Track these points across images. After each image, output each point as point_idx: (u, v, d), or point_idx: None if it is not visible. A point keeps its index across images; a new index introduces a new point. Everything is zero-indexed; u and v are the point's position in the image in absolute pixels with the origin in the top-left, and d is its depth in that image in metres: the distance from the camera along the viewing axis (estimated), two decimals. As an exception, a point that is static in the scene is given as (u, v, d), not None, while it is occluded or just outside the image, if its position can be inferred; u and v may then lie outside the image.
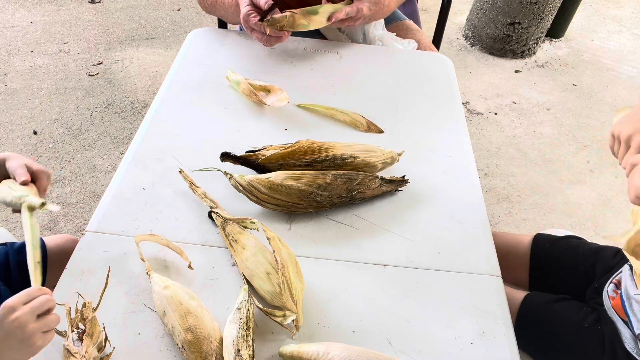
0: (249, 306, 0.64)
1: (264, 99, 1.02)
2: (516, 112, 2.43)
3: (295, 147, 0.84)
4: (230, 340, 0.60)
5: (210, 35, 1.24)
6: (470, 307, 0.72)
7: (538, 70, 2.76)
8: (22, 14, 2.80)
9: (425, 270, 0.76)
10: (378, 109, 1.05)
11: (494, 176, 2.06)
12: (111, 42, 2.64)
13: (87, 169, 1.91)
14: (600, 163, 2.17)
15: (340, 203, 0.83)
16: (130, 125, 2.13)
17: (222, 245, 0.76)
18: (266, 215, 0.82)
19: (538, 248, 1.05)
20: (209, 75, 1.10)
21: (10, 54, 2.48)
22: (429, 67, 1.22)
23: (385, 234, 0.81)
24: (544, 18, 2.66)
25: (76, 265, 0.72)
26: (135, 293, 0.69)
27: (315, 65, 1.17)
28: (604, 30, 3.18)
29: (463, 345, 0.67)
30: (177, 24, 2.86)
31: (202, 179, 0.84)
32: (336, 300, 0.71)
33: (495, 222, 1.86)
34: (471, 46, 2.90)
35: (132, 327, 0.65)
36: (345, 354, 0.61)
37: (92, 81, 2.35)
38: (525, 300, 0.95)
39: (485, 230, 0.83)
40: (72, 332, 0.59)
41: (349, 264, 0.76)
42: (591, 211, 1.94)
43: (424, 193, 0.88)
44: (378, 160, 0.88)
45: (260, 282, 0.69)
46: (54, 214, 1.72)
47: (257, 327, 0.66)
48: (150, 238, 0.74)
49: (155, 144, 0.93)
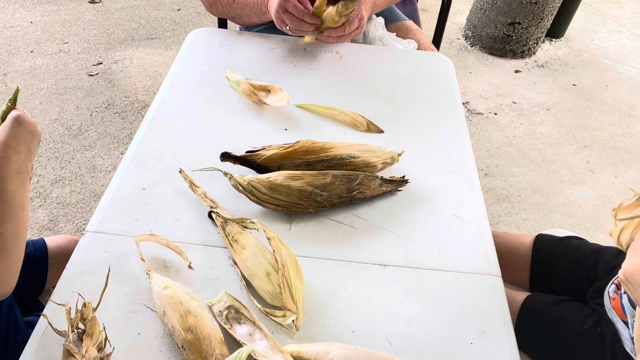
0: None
1: (264, 99, 1.02)
2: (516, 112, 2.43)
3: (295, 147, 0.84)
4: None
5: (210, 35, 1.24)
6: (470, 307, 0.72)
7: (538, 70, 2.76)
8: (22, 14, 2.80)
9: (425, 270, 0.76)
10: (378, 109, 1.05)
11: (494, 176, 2.06)
12: (111, 42, 2.64)
13: (87, 169, 1.91)
14: (600, 163, 2.17)
15: (340, 203, 0.83)
16: (130, 125, 2.13)
17: (222, 245, 0.76)
18: (266, 215, 0.82)
19: (539, 248, 1.05)
20: (209, 75, 1.10)
21: (10, 54, 2.48)
22: (429, 67, 1.22)
23: (385, 234, 0.81)
24: (544, 18, 2.66)
25: (76, 265, 0.72)
26: (135, 293, 0.69)
27: (315, 65, 1.17)
28: (604, 30, 3.18)
29: (463, 345, 0.67)
30: (177, 24, 2.86)
31: (202, 179, 0.84)
32: (336, 300, 0.71)
33: (495, 222, 1.86)
34: (471, 46, 2.90)
35: (132, 327, 0.65)
36: (345, 354, 0.61)
37: (92, 81, 2.35)
38: (525, 302, 0.95)
39: (485, 230, 0.83)
40: (72, 332, 0.59)
41: (349, 264, 0.76)
42: (591, 211, 1.94)
43: (424, 193, 0.88)
44: (378, 160, 0.88)
45: (260, 282, 0.69)
46: (53, 214, 1.72)
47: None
48: (150, 238, 0.74)
49: (155, 144, 0.93)
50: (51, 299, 0.66)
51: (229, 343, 0.64)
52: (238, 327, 0.65)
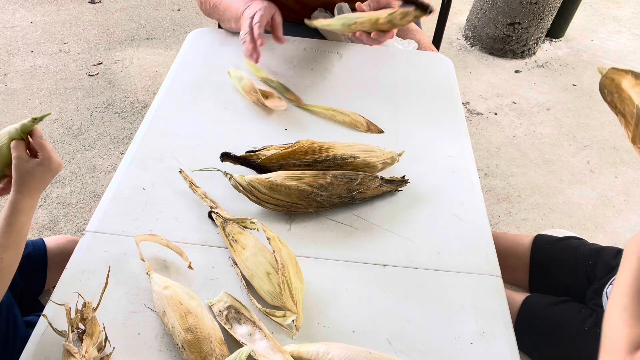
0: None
1: (265, 102, 1.02)
2: (516, 112, 2.43)
3: (295, 147, 0.84)
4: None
5: (210, 35, 1.24)
6: (470, 307, 0.72)
7: (538, 70, 2.76)
8: (22, 14, 2.80)
9: (425, 270, 0.76)
10: (378, 109, 1.05)
11: (494, 176, 2.06)
12: (111, 42, 2.64)
13: (87, 169, 1.91)
14: (600, 163, 2.17)
15: (340, 203, 0.83)
16: (130, 125, 2.13)
17: (222, 245, 0.76)
18: (266, 215, 0.82)
19: (538, 249, 1.05)
20: (209, 75, 1.10)
21: (10, 54, 2.48)
22: (429, 67, 1.22)
23: (385, 234, 0.81)
24: (544, 18, 2.66)
25: (76, 265, 0.72)
26: (135, 293, 0.69)
27: (315, 65, 1.17)
28: (604, 30, 3.18)
29: (463, 345, 0.67)
30: (177, 24, 2.86)
31: (202, 179, 0.84)
32: (336, 300, 0.71)
33: (495, 222, 1.86)
34: (471, 46, 2.90)
35: (132, 327, 0.65)
36: (345, 354, 0.61)
37: (92, 81, 2.35)
38: (524, 302, 0.95)
39: (485, 230, 0.83)
40: (72, 332, 0.59)
41: (349, 264, 0.76)
42: (591, 211, 1.94)
43: (424, 193, 0.88)
44: (378, 160, 0.88)
45: (260, 282, 0.69)
46: (53, 214, 1.72)
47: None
48: (150, 238, 0.74)
49: (155, 144, 0.93)
50: (51, 299, 0.66)
51: (229, 343, 0.64)
52: (238, 327, 0.65)
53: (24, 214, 0.67)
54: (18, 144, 0.69)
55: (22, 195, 0.68)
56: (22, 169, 0.68)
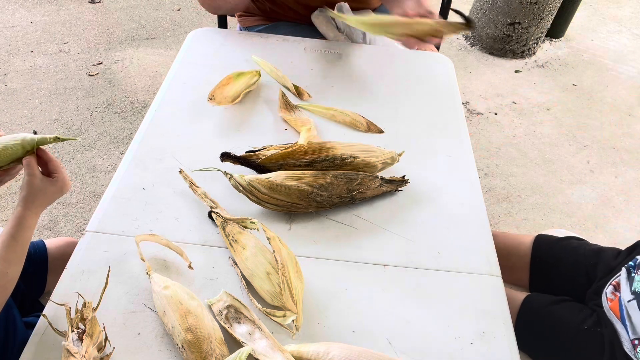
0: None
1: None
2: (516, 112, 2.43)
3: (295, 147, 0.84)
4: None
5: (210, 35, 1.24)
6: (470, 307, 0.72)
7: (538, 70, 2.76)
8: (22, 14, 2.80)
9: (425, 270, 0.76)
10: (378, 109, 1.05)
11: (494, 176, 2.06)
12: (111, 42, 2.64)
13: (87, 169, 1.91)
14: (600, 163, 2.17)
15: (340, 203, 0.83)
16: (130, 125, 2.13)
17: (222, 245, 0.76)
18: (266, 215, 0.82)
19: (539, 249, 1.05)
20: (209, 75, 1.10)
21: (10, 54, 2.48)
22: (429, 67, 1.22)
23: (385, 234, 0.81)
24: (544, 18, 2.66)
25: (76, 265, 0.72)
26: (135, 293, 0.69)
27: (315, 65, 1.17)
28: (604, 30, 3.18)
29: (463, 345, 0.67)
30: (177, 24, 2.86)
31: (202, 179, 0.84)
32: (336, 300, 0.71)
33: (495, 222, 1.86)
34: (471, 46, 2.90)
35: (132, 327, 0.65)
36: (345, 354, 0.61)
37: (92, 81, 2.35)
38: (525, 301, 0.95)
39: (485, 230, 0.83)
40: (72, 332, 0.59)
41: (349, 264, 0.76)
42: (591, 211, 1.94)
43: (424, 193, 0.88)
44: (378, 160, 0.88)
45: (260, 282, 0.69)
46: (53, 214, 1.72)
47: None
48: (150, 238, 0.74)
49: (155, 144, 0.93)
50: (51, 299, 0.66)
51: (229, 343, 0.64)
52: (238, 326, 0.65)
53: (29, 230, 0.68)
54: (31, 162, 0.70)
55: (30, 212, 0.69)
56: (34, 187, 0.69)
